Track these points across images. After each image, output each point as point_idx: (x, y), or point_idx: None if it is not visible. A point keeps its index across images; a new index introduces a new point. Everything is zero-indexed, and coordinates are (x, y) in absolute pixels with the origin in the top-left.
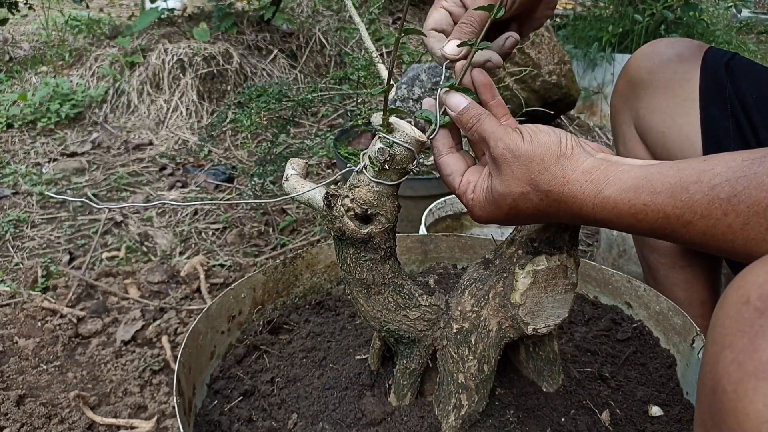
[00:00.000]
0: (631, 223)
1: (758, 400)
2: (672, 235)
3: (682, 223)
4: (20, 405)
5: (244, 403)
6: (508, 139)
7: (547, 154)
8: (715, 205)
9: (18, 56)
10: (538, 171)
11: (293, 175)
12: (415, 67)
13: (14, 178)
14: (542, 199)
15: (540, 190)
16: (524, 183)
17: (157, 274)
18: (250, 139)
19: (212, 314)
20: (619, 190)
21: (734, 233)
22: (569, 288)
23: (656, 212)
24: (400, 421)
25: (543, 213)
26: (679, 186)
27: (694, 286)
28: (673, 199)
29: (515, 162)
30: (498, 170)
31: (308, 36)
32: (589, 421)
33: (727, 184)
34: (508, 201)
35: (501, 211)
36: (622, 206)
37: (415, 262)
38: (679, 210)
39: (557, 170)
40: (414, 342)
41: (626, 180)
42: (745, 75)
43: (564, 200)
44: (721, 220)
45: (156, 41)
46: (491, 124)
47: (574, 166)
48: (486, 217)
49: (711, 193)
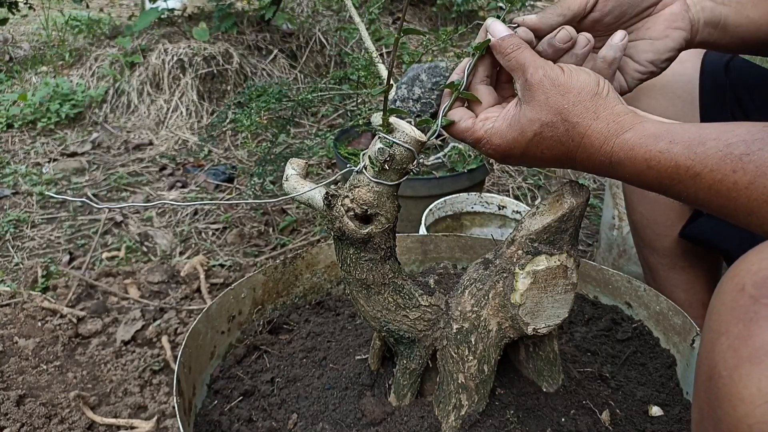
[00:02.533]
0: (642, 169)
1: (752, 384)
2: (677, 186)
3: (690, 174)
4: (20, 405)
5: (244, 403)
6: (549, 68)
7: (585, 89)
8: (726, 161)
9: (18, 56)
10: (572, 103)
11: (293, 175)
12: (415, 67)
13: (14, 178)
14: (568, 130)
15: (569, 120)
16: (555, 111)
17: (157, 274)
18: (250, 139)
19: (212, 314)
20: (640, 135)
21: (738, 191)
22: (569, 288)
23: (668, 160)
24: (400, 421)
25: (563, 148)
26: (697, 140)
27: (695, 287)
28: (688, 151)
29: (552, 89)
30: (532, 96)
31: (308, 36)
32: (589, 421)
33: (743, 143)
34: (534, 127)
35: (524, 138)
36: (638, 150)
37: (415, 262)
38: (691, 161)
39: (590, 105)
40: (414, 342)
41: (648, 128)
42: (745, 76)
43: (588, 135)
44: (728, 176)
45: (156, 41)
46: (532, 54)
47: (607, 105)
48: (505, 146)
49: (726, 149)
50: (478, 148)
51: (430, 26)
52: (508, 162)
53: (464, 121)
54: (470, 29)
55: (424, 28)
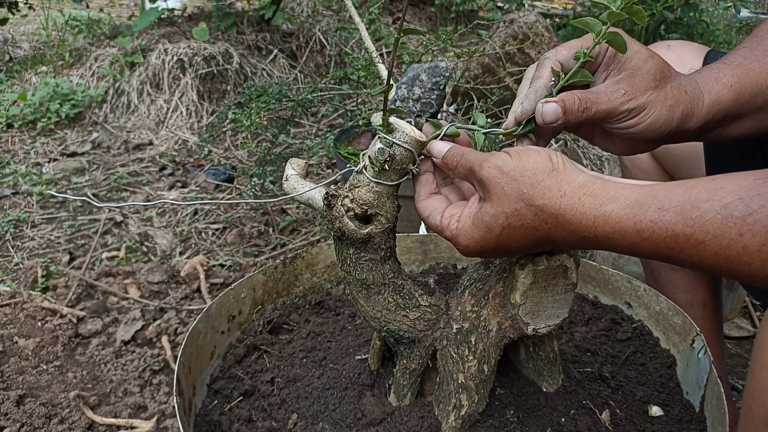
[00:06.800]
0: (635, 241)
1: None
2: (679, 256)
3: (692, 243)
4: (20, 405)
5: (244, 403)
6: (494, 159)
7: (539, 168)
8: (729, 225)
9: (18, 56)
10: (530, 185)
11: (293, 175)
12: (415, 67)
13: (14, 178)
14: (536, 215)
15: (534, 204)
16: (516, 199)
17: (157, 274)
18: (250, 139)
19: (212, 314)
20: (623, 206)
21: (750, 255)
22: (569, 288)
23: (664, 230)
24: (400, 421)
25: (538, 233)
26: (689, 203)
27: (696, 288)
28: (682, 217)
29: (504, 178)
30: (487, 192)
31: (308, 36)
32: (589, 421)
33: (741, 202)
34: (500, 221)
35: (492, 235)
36: (626, 222)
37: (415, 262)
38: (690, 229)
39: (551, 183)
40: (414, 342)
41: (629, 195)
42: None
43: (561, 214)
44: (735, 241)
45: (156, 41)
46: (475, 154)
47: (569, 180)
48: (474, 245)
49: (724, 212)
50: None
51: (430, 26)
52: (486, 256)
53: (433, 217)
54: (470, 29)
55: (423, 27)
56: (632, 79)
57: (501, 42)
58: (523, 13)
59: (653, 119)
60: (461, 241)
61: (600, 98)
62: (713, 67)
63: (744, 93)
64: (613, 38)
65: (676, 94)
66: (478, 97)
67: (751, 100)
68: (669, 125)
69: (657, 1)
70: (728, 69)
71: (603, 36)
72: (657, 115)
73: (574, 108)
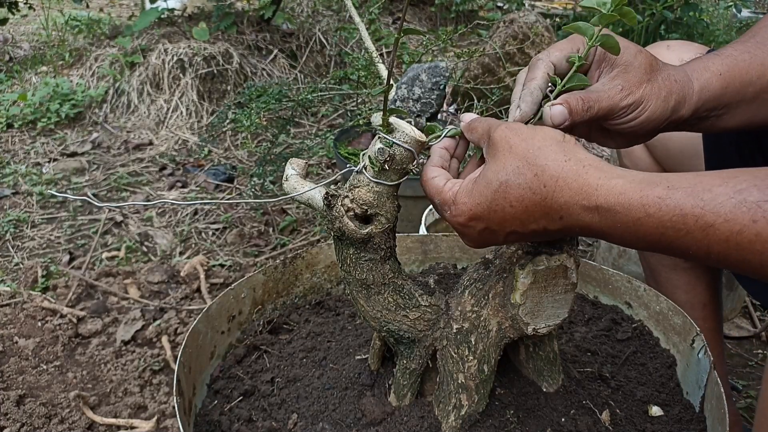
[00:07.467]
0: (639, 217)
1: None
2: (685, 239)
3: (701, 225)
4: (20, 405)
5: (244, 403)
6: (512, 124)
7: (549, 136)
8: (742, 209)
9: (18, 56)
10: (537, 147)
11: (293, 175)
12: (415, 67)
13: (14, 178)
14: (536, 175)
15: (536, 164)
16: (520, 157)
17: (157, 274)
18: (250, 139)
19: (212, 314)
20: (629, 180)
21: (763, 243)
22: (569, 288)
23: (672, 208)
24: (400, 421)
25: (534, 197)
26: (700, 186)
27: (696, 288)
28: (693, 197)
29: (514, 138)
30: (495, 150)
31: (308, 36)
32: (589, 421)
33: (756, 189)
34: (499, 176)
35: (488, 191)
36: (632, 194)
37: (415, 262)
38: (700, 209)
39: (557, 149)
40: (414, 342)
41: (637, 174)
42: None
43: (563, 177)
44: (748, 227)
45: (156, 41)
46: (496, 121)
47: (577, 152)
48: (470, 204)
49: (738, 196)
50: (443, 214)
51: (430, 26)
52: (477, 225)
53: (438, 179)
54: (470, 29)
55: (423, 27)
56: (626, 75)
57: (501, 42)
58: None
59: (650, 112)
60: (460, 199)
61: (600, 96)
62: (703, 58)
63: (734, 82)
64: (606, 40)
65: (668, 84)
66: (478, 97)
67: (742, 89)
68: (664, 115)
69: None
70: (718, 59)
71: (596, 39)
72: (654, 108)
73: (579, 108)
